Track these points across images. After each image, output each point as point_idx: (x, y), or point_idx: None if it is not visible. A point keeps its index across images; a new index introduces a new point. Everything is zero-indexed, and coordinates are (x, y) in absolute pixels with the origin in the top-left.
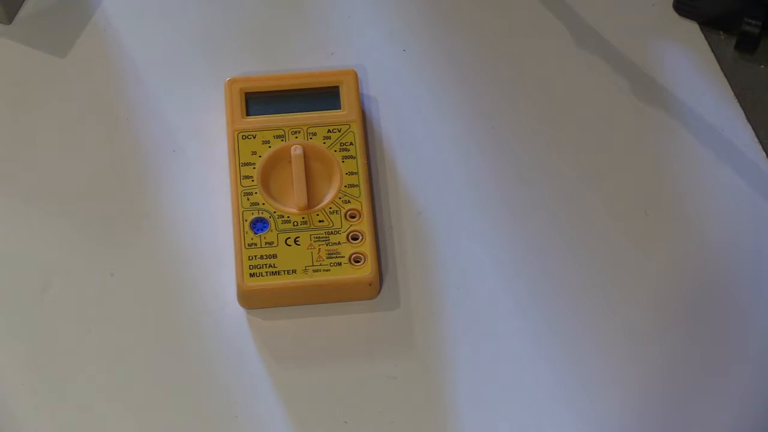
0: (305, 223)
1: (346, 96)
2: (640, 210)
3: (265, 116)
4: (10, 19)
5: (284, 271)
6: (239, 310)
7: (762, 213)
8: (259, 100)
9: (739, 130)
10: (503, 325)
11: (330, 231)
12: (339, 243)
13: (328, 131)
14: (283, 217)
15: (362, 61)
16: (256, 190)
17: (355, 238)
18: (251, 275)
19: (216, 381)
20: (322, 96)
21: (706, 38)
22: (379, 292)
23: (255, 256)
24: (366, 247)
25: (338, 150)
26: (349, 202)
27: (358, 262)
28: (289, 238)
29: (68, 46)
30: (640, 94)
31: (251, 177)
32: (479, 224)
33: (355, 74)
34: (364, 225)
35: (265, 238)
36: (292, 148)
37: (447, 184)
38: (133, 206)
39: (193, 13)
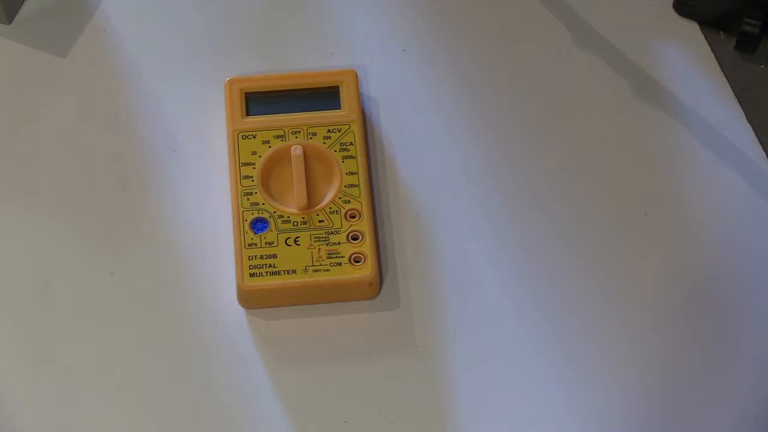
0: (305, 223)
1: (346, 96)
2: (640, 210)
3: (265, 116)
4: (10, 19)
5: (284, 271)
6: (239, 310)
7: (762, 213)
8: (259, 100)
9: (739, 130)
10: (503, 324)
11: (330, 231)
12: (339, 243)
13: (328, 131)
14: (283, 217)
15: (362, 61)
16: (256, 190)
17: (355, 238)
18: (251, 275)
19: (216, 381)
20: (322, 96)
21: (706, 38)
22: (379, 292)
23: (255, 256)
24: (366, 247)
25: (338, 150)
26: (349, 202)
27: (358, 262)
28: (289, 238)
29: (68, 46)
30: (640, 94)
31: (251, 177)
32: (479, 224)
33: (355, 74)
34: (364, 225)
35: (265, 238)
36: (292, 148)
37: (447, 184)
38: (133, 206)
39: (193, 13)
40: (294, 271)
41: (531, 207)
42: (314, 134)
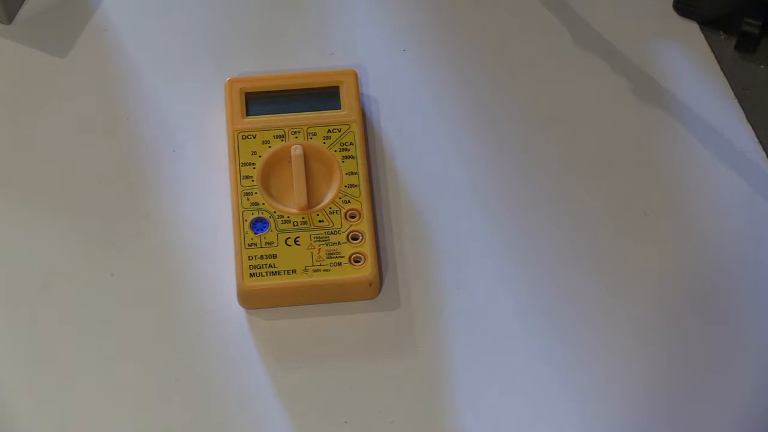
0: (305, 223)
1: (346, 96)
2: (640, 210)
3: (265, 116)
4: (10, 19)
5: (284, 271)
6: (239, 310)
7: (762, 213)
8: (259, 100)
9: (739, 130)
10: (503, 324)
11: (330, 231)
12: (339, 243)
13: (328, 131)
14: (283, 217)
15: (362, 61)
16: (256, 190)
17: (355, 238)
18: (251, 275)
19: (216, 381)
20: (322, 96)
21: (706, 38)
22: (379, 292)
23: (255, 256)
24: (366, 247)
25: (338, 150)
26: (349, 202)
27: (358, 262)
28: (289, 238)
29: (68, 46)
30: (640, 94)
31: (251, 177)
32: (479, 224)
33: (355, 74)
34: (364, 225)
35: (265, 238)
36: (292, 148)
37: (447, 183)
38: (133, 206)
39: (193, 12)
40: (294, 271)
41: (531, 207)
42: (314, 134)
